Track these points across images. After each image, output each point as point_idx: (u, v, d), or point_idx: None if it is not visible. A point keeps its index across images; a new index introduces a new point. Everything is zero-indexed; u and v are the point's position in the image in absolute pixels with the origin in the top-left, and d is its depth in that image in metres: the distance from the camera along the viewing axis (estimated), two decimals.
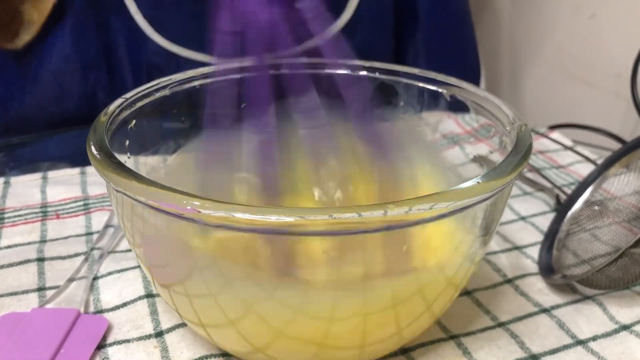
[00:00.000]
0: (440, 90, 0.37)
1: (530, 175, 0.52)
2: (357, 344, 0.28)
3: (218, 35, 0.30)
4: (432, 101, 0.38)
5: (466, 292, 0.37)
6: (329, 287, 0.26)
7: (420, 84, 0.38)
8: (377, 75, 0.39)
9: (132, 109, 0.33)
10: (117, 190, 0.25)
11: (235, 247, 0.26)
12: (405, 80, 0.38)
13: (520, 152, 0.28)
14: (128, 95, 0.33)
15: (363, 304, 0.26)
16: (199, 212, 0.23)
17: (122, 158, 0.30)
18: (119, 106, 0.32)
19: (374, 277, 0.26)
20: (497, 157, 0.34)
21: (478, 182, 0.25)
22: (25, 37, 0.54)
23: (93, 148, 0.27)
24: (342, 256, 0.25)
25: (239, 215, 0.22)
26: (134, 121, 0.33)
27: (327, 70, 0.37)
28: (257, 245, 0.26)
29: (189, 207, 0.23)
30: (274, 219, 0.22)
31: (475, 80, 0.72)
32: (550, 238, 0.41)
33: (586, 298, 0.37)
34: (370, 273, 0.26)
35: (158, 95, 0.35)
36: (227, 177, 0.33)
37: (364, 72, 0.39)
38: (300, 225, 0.22)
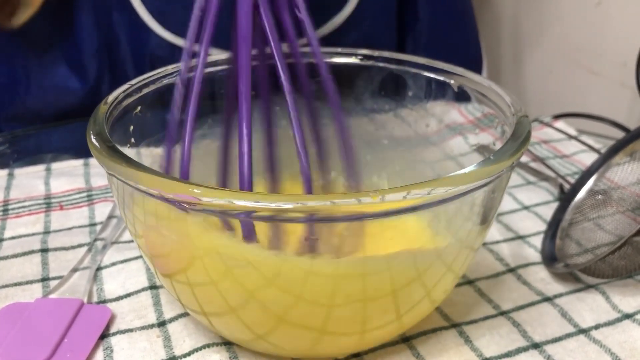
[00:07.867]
0: (448, 80, 0.37)
1: (533, 164, 0.52)
2: (358, 329, 0.28)
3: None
4: (438, 92, 0.37)
5: (468, 281, 0.37)
6: (328, 272, 0.26)
7: (426, 74, 0.37)
8: (383, 64, 0.39)
9: (136, 97, 0.33)
10: (110, 174, 0.25)
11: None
12: (411, 70, 0.38)
13: (518, 139, 0.27)
14: (133, 81, 0.33)
15: (362, 289, 0.26)
16: (199, 200, 0.23)
17: (125, 148, 0.30)
18: (123, 92, 0.32)
19: (372, 262, 0.26)
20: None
21: (472, 170, 0.25)
22: (22, 16, 0.53)
23: (92, 135, 0.27)
24: (341, 242, 0.25)
25: (239, 202, 0.22)
26: (138, 107, 0.33)
27: (335, 60, 0.37)
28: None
29: (184, 195, 0.23)
30: (273, 206, 0.22)
31: (477, 70, 0.72)
32: (554, 227, 0.41)
33: (589, 287, 0.37)
34: (368, 258, 0.26)
35: (164, 82, 0.34)
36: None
37: (371, 62, 0.39)
38: (300, 211, 0.22)
